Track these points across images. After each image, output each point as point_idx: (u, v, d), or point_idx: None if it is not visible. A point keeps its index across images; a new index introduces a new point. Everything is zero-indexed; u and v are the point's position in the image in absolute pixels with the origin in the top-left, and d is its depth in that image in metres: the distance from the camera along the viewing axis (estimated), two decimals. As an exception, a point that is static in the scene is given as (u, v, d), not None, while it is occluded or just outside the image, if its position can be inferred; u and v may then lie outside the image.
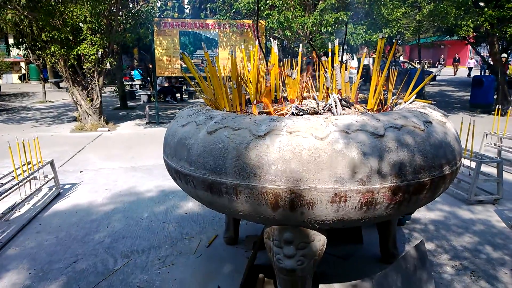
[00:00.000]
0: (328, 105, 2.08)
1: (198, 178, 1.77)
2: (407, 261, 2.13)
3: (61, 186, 4.47)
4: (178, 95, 13.92)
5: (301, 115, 2.05)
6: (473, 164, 3.90)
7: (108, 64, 8.34)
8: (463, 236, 3.16)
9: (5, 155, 5.83)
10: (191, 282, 2.59)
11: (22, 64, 24.54)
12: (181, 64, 8.60)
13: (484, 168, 4.26)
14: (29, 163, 4.04)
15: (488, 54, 13.76)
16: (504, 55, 10.31)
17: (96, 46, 7.72)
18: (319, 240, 1.76)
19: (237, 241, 3.10)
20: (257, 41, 2.63)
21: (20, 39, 10.74)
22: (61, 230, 3.40)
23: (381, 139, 1.59)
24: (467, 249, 2.93)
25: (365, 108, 2.24)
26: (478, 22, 8.17)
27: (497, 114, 4.98)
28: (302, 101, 2.37)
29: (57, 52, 7.61)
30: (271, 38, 7.49)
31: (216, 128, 1.75)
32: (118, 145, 6.98)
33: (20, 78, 24.76)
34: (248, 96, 2.66)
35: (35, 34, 8.05)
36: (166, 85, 13.15)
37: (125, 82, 14.64)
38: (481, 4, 9.04)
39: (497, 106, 5.15)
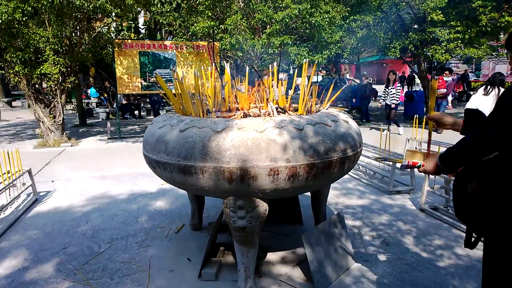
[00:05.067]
0: (267, 111, 2.83)
1: (174, 164, 2.43)
2: (329, 224, 2.90)
3: (37, 193, 4.85)
4: (136, 112, 14.31)
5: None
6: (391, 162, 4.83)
7: (70, 82, 8.68)
8: (382, 216, 4.02)
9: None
10: (165, 257, 3.19)
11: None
12: (141, 82, 9.15)
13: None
14: (8, 172, 4.41)
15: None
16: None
17: (58, 66, 8.08)
18: (263, 206, 2.47)
19: (201, 227, 3.74)
20: (213, 64, 3.34)
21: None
22: (46, 226, 3.85)
23: (301, 131, 2.35)
24: (383, 224, 3.79)
25: (296, 114, 3.01)
26: (404, 44, 9.50)
27: (416, 124, 6.04)
28: (249, 109, 3.11)
29: (20, 72, 7.87)
30: (223, 60, 8.29)
31: (187, 127, 2.43)
32: (83, 158, 7.34)
33: (-35, 98, 23.65)
34: (207, 107, 3.35)
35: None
36: (124, 102, 13.50)
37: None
38: (415, 26, 10.48)
39: (415, 116, 6.23)
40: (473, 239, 1.65)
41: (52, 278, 2.86)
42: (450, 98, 9.83)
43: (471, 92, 21.37)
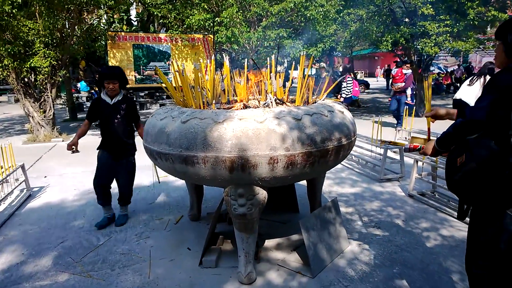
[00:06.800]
0: (266, 102, 2.91)
1: (175, 155, 2.49)
2: (325, 210, 3.00)
3: (31, 188, 4.85)
4: (129, 106, 14.20)
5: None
6: (382, 151, 4.97)
7: (60, 76, 8.61)
8: (373, 202, 4.16)
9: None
10: (165, 247, 3.25)
11: None
12: (135, 75, 9.13)
13: (393, 155, 5.38)
14: (1, 168, 4.39)
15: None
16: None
17: (49, 59, 8.00)
18: (262, 194, 2.55)
19: (199, 218, 3.81)
20: (211, 57, 3.39)
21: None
22: (42, 221, 3.87)
23: (299, 121, 2.43)
24: (375, 210, 3.92)
25: (293, 105, 3.09)
26: (396, 38, 9.62)
27: (406, 114, 6.19)
28: (248, 101, 3.18)
29: (10, 65, 7.77)
30: (222, 53, 8.33)
31: (188, 118, 2.49)
32: (76, 153, 7.30)
33: None
34: (207, 100, 3.41)
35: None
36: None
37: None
38: (406, 20, 10.61)
39: (406, 107, 6.38)
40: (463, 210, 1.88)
41: (51, 271, 2.89)
42: (409, 92, 8.87)
43: (458, 84, 21.63)
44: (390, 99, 10.01)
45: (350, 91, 9.05)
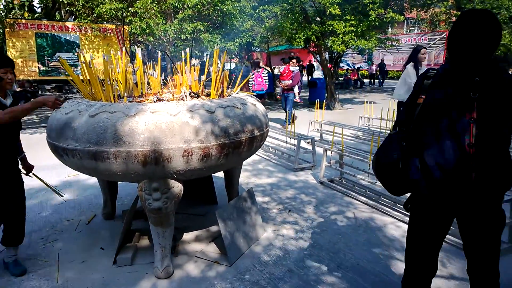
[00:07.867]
0: (180, 96, 2.90)
1: (83, 150, 2.37)
2: (241, 199, 3.12)
3: None
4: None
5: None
6: (296, 142, 5.28)
7: None
8: (288, 190, 4.41)
9: None
10: (75, 249, 3.08)
11: None
12: (39, 67, 8.31)
13: (306, 145, 5.72)
14: None
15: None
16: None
17: None
18: (177, 187, 2.56)
19: (114, 216, 3.67)
20: (123, 48, 3.27)
21: None
22: None
23: (213, 114, 2.49)
24: (289, 198, 4.16)
25: (208, 98, 3.13)
26: (308, 35, 10.18)
27: (317, 108, 6.62)
28: (162, 94, 3.13)
29: None
30: (133, 45, 7.98)
31: (97, 112, 2.39)
32: None
33: None
34: (119, 92, 3.28)
35: None
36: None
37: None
38: (317, 18, 11.25)
39: (316, 100, 6.82)
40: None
41: None
42: (297, 90, 8.30)
43: (365, 80, 23.50)
44: (279, 96, 10.30)
45: (251, 86, 8.94)
